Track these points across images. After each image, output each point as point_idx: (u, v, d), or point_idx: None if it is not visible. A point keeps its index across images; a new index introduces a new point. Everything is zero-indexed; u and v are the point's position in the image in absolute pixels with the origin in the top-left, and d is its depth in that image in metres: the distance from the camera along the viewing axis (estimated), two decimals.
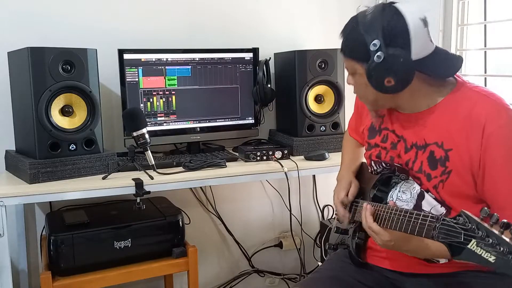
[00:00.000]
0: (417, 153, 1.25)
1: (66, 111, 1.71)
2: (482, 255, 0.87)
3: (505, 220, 0.87)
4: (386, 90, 1.17)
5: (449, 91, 1.22)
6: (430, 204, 1.23)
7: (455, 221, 0.95)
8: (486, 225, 0.88)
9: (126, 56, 1.95)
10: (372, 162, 1.39)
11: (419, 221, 1.05)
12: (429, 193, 1.24)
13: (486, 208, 0.91)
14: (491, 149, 1.12)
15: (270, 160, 1.97)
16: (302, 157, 2.05)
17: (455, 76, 1.25)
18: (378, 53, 1.13)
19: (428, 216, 1.03)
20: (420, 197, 1.25)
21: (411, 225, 1.07)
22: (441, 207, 1.22)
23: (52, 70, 1.64)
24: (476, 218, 0.91)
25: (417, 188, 1.26)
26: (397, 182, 1.32)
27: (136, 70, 1.98)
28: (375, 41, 1.13)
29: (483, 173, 1.13)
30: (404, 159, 1.29)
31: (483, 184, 1.14)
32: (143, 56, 1.98)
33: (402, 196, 1.28)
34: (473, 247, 0.89)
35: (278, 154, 1.98)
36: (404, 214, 1.10)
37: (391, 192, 1.32)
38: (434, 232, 0.99)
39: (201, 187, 2.31)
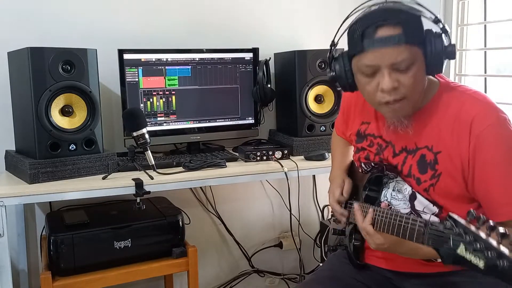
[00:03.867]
0: (407, 157, 1.25)
1: (66, 111, 1.71)
2: (472, 261, 0.85)
3: (491, 223, 0.85)
4: (441, 68, 1.14)
5: (435, 92, 1.21)
6: (422, 204, 1.23)
7: (443, 225, 0.94)
8: (473, 228, 0.87)
9: (126, 56, 1.95)
10: (362, 164, 1.39)
11: (409, 225, 1.05)
12: (421, 194, 1.24)
13: (472, 210, 0.90)
14: (481, 149, 1.11)
15: (270, 160, 1.97)
16: (302, 157, 2.05)
17: (436, 76, 1.24)
18: (439, 28, 1.11)
19: (417, 220, 1.03)
20: (412, 197, 1.25)
21: (402, 229, 1.08)
22: (433, 206, 1.22)
23: (52, 70, 1.64)
24: (463, 222, 0.89)
25: (408, 189, 1.26)
26: (388, 181, 1.31)
27: (136, 70, 1.97)
28: (431, 16, 1.11)
29: (473, 173, 1.13)
30: (393, 164, 1.28)
31: (473, 184, 1.14)
32: (143, 56, 1.98)
33: (398, 195, 1.28)
34: (462, 252, 0.87)
35: (278, 154, 1.98)
36: (395, 217, 1.10)
37: (384, 191, 1.31)
38: (424, 237, 0.99)
39: (201, 187, 2.31)
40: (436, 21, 1.13)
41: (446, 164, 1.17)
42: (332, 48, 1.26)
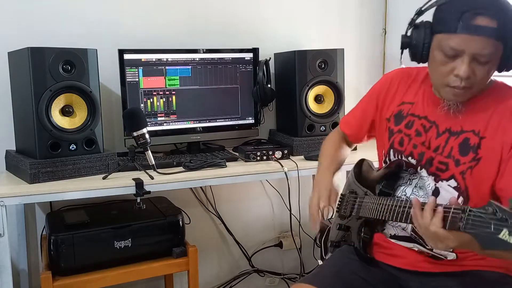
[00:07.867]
0: (449, 138, 1.25)
1: (66, 111, 1.71)
2: None
3: None
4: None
5: (490, 85, 1.23)
6: (445, 200, 1.22)
7: (483, 211, 0.93)
8: None
9: (127, 56, 1.95)
10: (391, 151, 1.37)
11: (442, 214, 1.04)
12: (452, 180, 1.22)
13: None
14: None
15: (270, 160, 1.97)
16: (302, 157, 2.05)
17: None
18: None
19: (451, 208, 1.01)
20: (435, 193, 1.25)
21: None
22: (457, 199, 1.21)
23: (53, 70, 1.64)
24: (506, 208, 0.90)
25: (431, 185, 1.26)
26: (410, 177, 1.31)
27: (137, 70, 1.98)
28: None
29: (505, 166, 1.14)
30: (434, 145, 1.27)
31: (502, 176, 1.14)
32: (143, 56, 1.98)
33: (419, 192, 1.28)
34: (505, 237, 0.88)
35: (278, 154, 1.98)
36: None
37: (403, 187, 1.32)
38: (461, 224, 0.97)
39: (201, 187, 2.31)
40: None
41: (488, 150, 1.17)
42: (415, 16, 1.22)
